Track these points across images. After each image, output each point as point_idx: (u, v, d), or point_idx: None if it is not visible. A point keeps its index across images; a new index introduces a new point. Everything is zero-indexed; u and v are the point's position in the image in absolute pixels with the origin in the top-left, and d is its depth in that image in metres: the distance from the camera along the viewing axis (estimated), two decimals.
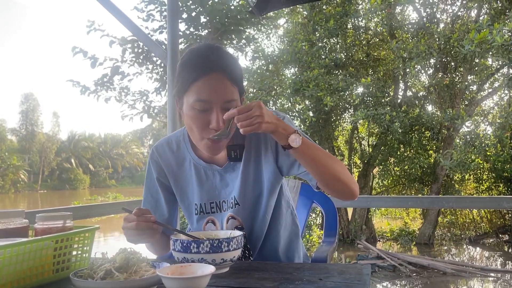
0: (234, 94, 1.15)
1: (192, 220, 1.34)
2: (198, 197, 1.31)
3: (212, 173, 1.29)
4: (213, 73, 1.12)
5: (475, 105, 9.60)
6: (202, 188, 1.30)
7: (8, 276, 0.88)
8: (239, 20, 6.30)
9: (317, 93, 8.12)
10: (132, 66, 6.84)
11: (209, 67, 1.12)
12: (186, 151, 1.32)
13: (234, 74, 1.15)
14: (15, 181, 42.05)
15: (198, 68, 1.12)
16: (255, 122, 1.03)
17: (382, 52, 10.11)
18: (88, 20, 6.41)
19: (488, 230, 10.47)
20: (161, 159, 1.33)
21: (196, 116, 1.14)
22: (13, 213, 1.09)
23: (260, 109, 1.04)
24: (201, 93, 1.12)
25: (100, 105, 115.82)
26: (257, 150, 1.26)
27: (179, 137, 1.34)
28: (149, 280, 0.87)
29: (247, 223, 1.29)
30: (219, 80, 1.12)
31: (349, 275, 0.97)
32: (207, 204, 1.30)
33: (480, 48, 6.38)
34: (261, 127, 1.04)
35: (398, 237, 10.28)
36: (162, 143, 1.36)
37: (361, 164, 10.76)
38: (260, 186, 1.28)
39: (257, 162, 1.26)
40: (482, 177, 10.42)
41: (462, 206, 7.94)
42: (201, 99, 1.12)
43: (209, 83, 1.12)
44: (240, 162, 1.26)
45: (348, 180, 1.19)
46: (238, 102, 1.16)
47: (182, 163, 1.32)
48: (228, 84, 1.13)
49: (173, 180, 1.33)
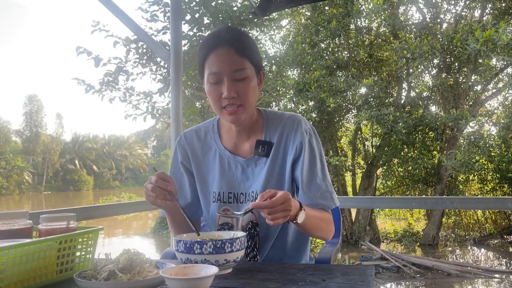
0: (242, 64, 1.21)
1: (209, 208, 1.37)
2: (218, 186, 1.34)
3: (235, 164, 1.34)
4: (220, 47, 1.20)
5: (479, 105, 9.55)
6: (223, 177, 1.34)
7: (12, 277, 0.88)
8: (242, 21, 6.32)
9: (319, 95, 8.11)
10: (136, 67, 6.87)
11: (217, 42, 1.21)
12: (213, 140, 1.38)
13: (242, 47, 1.21)
14: (19, 183, 42.24)
15: (208, 46, 1.22)
16: (286, 215, 1.07)
17: (385, 53, 10.08)
18: (93, 21, 6.46)
19: (492, 231, 10.40)
20: (188, 145, 1.40)
21: (211, 88, 1.23)
22: (17, 214, 1.09)
23: (289, 202, 1.07)
24: (211, 67, 1.21)
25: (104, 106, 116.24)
26: (285, 150, 1.32)
27: (208, 126, 1.41)
28: (153, 281, 0.87)
29: (263, 220, 1.30)
30: (225, 52, 1.20)
31: (352, 276, 0.97)
32: (225, 193, 1.34)
33: (485, 47, 6.35)
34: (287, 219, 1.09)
35: (402, 238, 10.23)
36: (190, 130, 1.43)
37: (365, 165, 10.73)
38: (282, 185, 1.32)
39: (283, 162, 1.32)
40: (486, 178, 10.35)
41: (466, 207, 7.90)
42: (211, 72, 1.21)
43: (217, 56, 1.21)
44: (264, 158, 1.31)
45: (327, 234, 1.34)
46: (248, 72, 1.22)
47: (207, 152, 1.38)
48: (235, 55, 1.20)
49: (195, 166, 1.38)
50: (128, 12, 2.67)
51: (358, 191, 10.49)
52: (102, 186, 50.27)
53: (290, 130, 1.32)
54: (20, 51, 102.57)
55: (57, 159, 47.39)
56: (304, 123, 1.33)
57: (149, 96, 7.16)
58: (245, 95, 1.21)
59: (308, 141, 1.31)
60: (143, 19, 6.64)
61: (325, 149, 9.87)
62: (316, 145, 1.34)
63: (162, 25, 6.62)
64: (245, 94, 1.21)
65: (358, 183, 10.68)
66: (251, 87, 1.23)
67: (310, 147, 1.31)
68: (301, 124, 1.32)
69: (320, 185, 1.29)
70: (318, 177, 1.30)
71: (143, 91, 7.15)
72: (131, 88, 7.04)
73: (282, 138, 1.32)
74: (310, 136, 1.33)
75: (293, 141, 1.30)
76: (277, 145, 1.31)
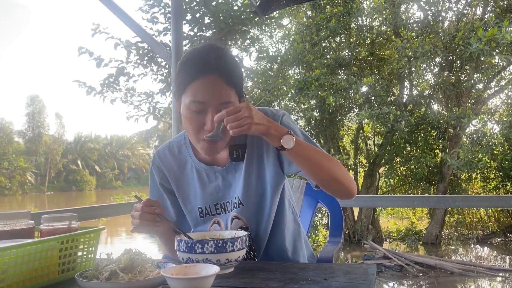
0: (230, 96, 1.14)
1: (197, 223, 1.33)
2: (202, 200, 1.30)
3: (214, 174, 1.28)
4: (209, 74, 1.12)
5: (482, 103, 9.52)
6: (204, 190, 1.29)
7: (14, 277, 0.88)
8: (243, 20, 6.30)
9: (320, 93, 8.10)
10: (137, 68, 6.87)
11: (205, 68, 1.12)
12: (187, 154, 1.32)
13: (231, 76, 1.14)
14: (22, 183, 42.42)
15: (194, 70, 1.13)
16: (244, 123, 1.03)
17: (386, 51, 10.06)
18: (92, 23, 6.45)
19: (495, 229, 10.38)
20: (163, 164, 1.33)
21: (192, 117, 1.15)
22: (19, 215, 1.09)
23: (249, 110, 1.03)
24: (196, 95, 1.12)
25: (106, 106, 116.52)
26: (259, 149, 1.26)
27: (180, 141, 1.34)
28: (154, 281, 0.87)
29: (252, 222, 1.28)
30: (214, 82, 1.12)
31: (354, 275, 0.97)
32: (211, 206, 1.30)
33: (488, 46, 6.33)
34: (250, 129, 1.04)
35: (404, 237, 10.22)
36: (163, 147, 1.36)
37: (367, 164, 10.71)
38: (263, 186, 1.27)
39: (259, 161, 1.26)
40: (489, 176, 10.32)
41: (469, 205, 7.89)
42: (196, 100, 1.13)
43: (204, 84, 1.12)
44: (242, 162, 1.25)
45: (344, 178, 1.18)
46: (235, 104, 1.14)
47: (184, 167, 1.32)
48: (224, 86, 1.13)
49: (175, 184, 1.33)
50: (129, 13, 2.67)
51: (360, 190, 10.48)
52: (105, 186, 50.40)
53: None
54: (22, 51, 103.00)
55: (59, 160, 47.55)
56: (270, 111, 1.24)
57: (150, 97, 7.16)
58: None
59: (280, 123, 1.20)
60: (143, 20, 6.62)
61: (327, 148, 9.86)
62: (292, 123, 1.23)
63: (162, 27, 6.62)
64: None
65: (360, 182, 10.68)
66: None
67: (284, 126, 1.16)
68: (266, 112, 1.21)
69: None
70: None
71: (144, 91, 7.16)
72: (132, 88, 7.04)
73: (253, 136, 1.21)
74: (280, 118, 1.23)
75: None
76: (250, 144, 1.25)
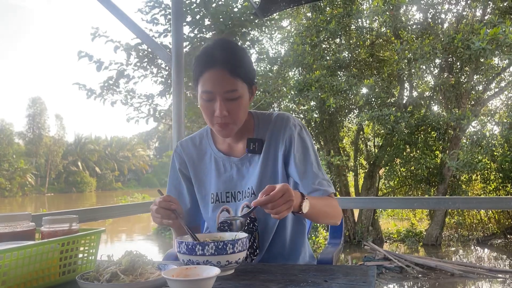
0: (234, 85, 1.25)
1: (208, 210, 1.42)
2: (215, 187, 1.40)
3: (230, 164, 1.40)
4: (214, 67, 1.24)
5: (482, 105, 9.51)
6: (219, 178, 1.40)
7: (15, 279, 0.89)
8: (243, 22, 6.31)
9: (320, 95, 8.10)
10: (137, 70, 6.88)
11: (211, 61, 1.25)
12: (208, 145, 1.45)
13: (236, 66, 1.25)
14: (22, 184, 42.37)
15: (203, 63, 1.26)
16: (289, 206, 1.08)
17: (386, 53, 10.07)
18: (92, 27, 6.48)
19: (496, 230, 10.36)
20: (184, 152, 1.47)
21: (204, 105, 1.29)
22: (20, 216, 1.10)
23: (290, 192, 1.07)
24: (205, 85, 1.26)
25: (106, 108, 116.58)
26: (276, 147, 1.37)
27: (203, 133, 1.49)
28: (155, 283, 0.87)
29: (260, 213, 1.34)
30: (218, 73, 1.24)
31: (354, 277, 0.97)
32: (223, 193, 1.39)
33: (491, 45, 6.33)
34: (291, 209, 1.10)
35: (405, 238, 10.21)
36: (187, 139, 1.51)
37: (367, 165, 10.71)
38: (276, 180, 1.36)
39: (275, 158, 1.36)
40: (489, 177, 10.31)
41: (469, 207, 7.87)
42: (205, 91, 1.26)
43: (211, 76, 1.25)
44: (257, 155, 1.37)
45: (334, 217, 1.36)
46: (241, 92, 1.27)
47: (203, 156, 1.45)
48: (228, 76, 1.24)
49: (193, 171, 1.45)
50: (129, 14, 2.68)
51: (360, 191, 10.47)
52: (105, 188, 50.35)
53: (279, 127, 1.37)
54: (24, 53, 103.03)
55: (59, 161, 47.51)
56: (292, 119, 1.39)
57: (150, 99, 7.18)
58: (236, 114, 1.28)
59: (297, 134, 1.37)
60: (143, 21, 6.63)
61: (327, 149, 9.86)
62: (307, 137, 1.39)
63: (162, 28, 6.63)
64: (236, 113, 1.28)
65: (360, 184, 10.67)
66: (243, 106, 1.29)
67: (301, 138, 1.37)
68: (289, 119, 1.39)
69: (316, 173, 1.34)
70: (314, 166, 1.35)
71: (144, 93, 7.17)
72: (132, 90, 7.05)
73: (273, 135, 1.37)
74: (300, 129, 1.39)
75: (283, 136, 1.36)
76: (268, 142, 1.37)
